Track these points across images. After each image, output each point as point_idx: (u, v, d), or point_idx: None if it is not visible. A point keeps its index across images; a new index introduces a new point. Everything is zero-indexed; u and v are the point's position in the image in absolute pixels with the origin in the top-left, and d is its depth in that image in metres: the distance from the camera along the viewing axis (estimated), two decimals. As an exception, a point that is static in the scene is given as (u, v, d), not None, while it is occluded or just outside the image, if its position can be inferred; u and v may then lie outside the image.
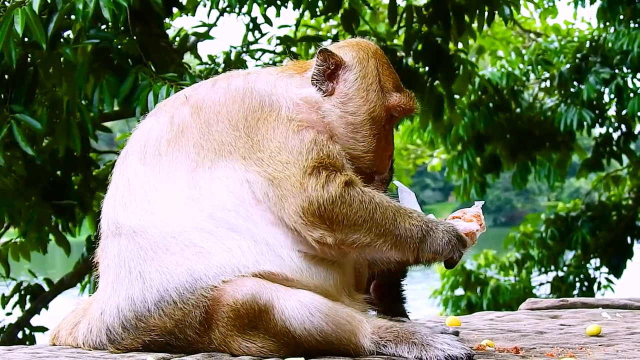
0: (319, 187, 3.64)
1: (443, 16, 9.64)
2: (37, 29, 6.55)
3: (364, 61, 4.02)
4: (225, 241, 3.60)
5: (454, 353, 3.60)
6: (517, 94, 16.19)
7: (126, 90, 7.20)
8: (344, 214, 3.67)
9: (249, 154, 3.70)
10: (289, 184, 3.65)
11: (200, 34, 10.52)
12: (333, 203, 3.65)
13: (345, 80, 3.97)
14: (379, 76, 4.02)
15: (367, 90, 3.98)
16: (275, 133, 3.73)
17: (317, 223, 3.64)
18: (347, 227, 3.68)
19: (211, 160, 3.72)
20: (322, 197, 3.64)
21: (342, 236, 3.68)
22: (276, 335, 3.55)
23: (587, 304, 5.86)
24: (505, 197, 75.07)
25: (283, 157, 3.68)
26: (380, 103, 4.00)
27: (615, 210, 16.99)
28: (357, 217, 3.69)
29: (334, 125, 3.91)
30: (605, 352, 3.89)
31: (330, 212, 3.65)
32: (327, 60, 3.96)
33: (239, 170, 3.69)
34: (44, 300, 10.86)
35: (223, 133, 3.75)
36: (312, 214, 3.63)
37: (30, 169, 9.08)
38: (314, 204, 3.63)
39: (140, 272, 3.63)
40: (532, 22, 18.80)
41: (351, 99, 3.95)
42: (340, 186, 3.67)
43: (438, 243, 3.77)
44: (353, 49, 4.07)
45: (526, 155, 16.11)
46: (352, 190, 3.71)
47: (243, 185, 3.67)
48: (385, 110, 4.02)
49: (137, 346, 3.67)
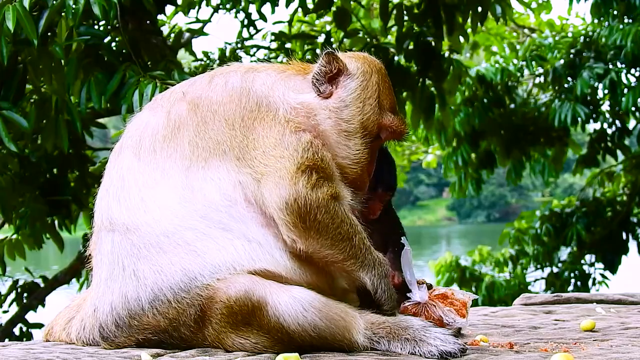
0: (308, 186, 3.63)
1: (434, 15, 9.63)
2: (28, 26, 6.53)
3: (367, 74, 4.02)
4: (219, 241, 3.59)
5: (447, 348, 3.60)
6: (511, 89, 16.20)
7: (113, 87, 7.17)
8: (325, 224, 3.66)
9: (243, 154, 3.70)
10: (278, 176, 3.63)
11: (194, 30, 10.50)
12: (317, 207, 3.64)
13: (345, 87, 3.96)
14: (379, 92, 4.02)
15: (364, 102, 3.96)
16: (272, 131, 3.73)
17: (295, 223, 3.62)
18: (322, 239, 3.68)
19: (205, 160, 3.71)
20: (309, 196, 3.63)
21: (314, 247, 3.68)
22: (270, 331, 3.54)
23: (581, 299, 5.88)
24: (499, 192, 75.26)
25: (277, 152, 3.67)
26: (374, 118, 3.98)
27: (610, 206, 16.98)
28: (336, 233, 3.70)
29: (328, 133, 3.89)
30: (599, 347, 3.89)
31: (312, 215, 3.64)
32: (331, 63, 3.96)
33: (232, 171, 3.68)
34: (39, 296, 10.85)
35: (219, 132, 3.74)
36: (294, 212, 3.61)
37: (25, 167, 9.08)
38: (300, 200, 3.61)
39: (134, 270, 3.62)
40: (527, 17, 18.81)
41: (347, 106, 3.94)
42: (328, 194, 3.67)
43: (385, 298, 3.84)
44: (359, 60, 4.07)
45: (521, 151, 16.12)
46: (337, 205, 3.72)
47: (236, 186, 3.67)
48: (377, 127, 4.00)
49: (130, 344, 3.67)
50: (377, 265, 3.81)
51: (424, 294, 4.09)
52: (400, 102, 10.27)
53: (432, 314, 4.04)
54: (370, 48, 9.85)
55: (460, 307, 4.17)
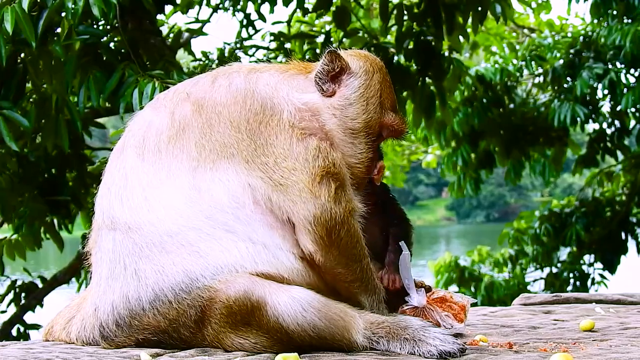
0: (331, 200, 3.68)
1: (434, 14, 9.63)
2: (27, 28, 6.52)
3: (370, 73, 4.03)
4: (222, 242, 3.60)
5: (446, 348, 3.60)
6: (510, 89, 16.19)
7: (112, 86, 7.17)
8: (345, 242, 3.74)
9: (252, 158, 3.71)
10: (297, 190, 3.67)
11: (193, 30, 10.49)
12: (342, 223, 3.71)
13: (348, 86, 3.97)
14: (381, 91, 4.03)
15: (367, 101, 3.98)
16: (279, 139, 3.73)
17: (322, 236, 3.68)
18: (340, 256, 3.75)
19: (213, 161, 3.71)
20: (334, 211, 3.69)
21: (331, 262, 3.74)
22: (269, 331, 3.55)
23: (580, 299, 5.87)
24: (498, 192, 75.21)
25: (289, 163, 3.69)
26: (377, 117, 4.01)
27: (609, 206, 16.97)
28: (353, 252, 3.80)
29: (334, 133, 3.90)
30: (598, 347, 3.89)
31: (337, 231, 3.71)
32: (334, 61, 3.96)
33: (241, 173, 3.69)
34: (37, 296, 10.84)
35: (225, 134, 3.74)
36: (322, 224, 3.67)
37: (24, 166, 9.07)
38: (327, 213, 3.67)
39: (136, 270, 3.62)
40: (526, 17, 18.80)
41: (352, 104, 3.95)
42: (348, 209, 3.74)
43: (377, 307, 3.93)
44: (361, 58, 4.08)
45: (520, 151, 16.11)
46: (354, 222, 3.80)
47: (245, 189, 3.67)
48: (379, 126, 4.03)
49: (129, 343, 3.67)
50: (377, 292, 3.93)
51: (422, 298, 4.09)
52: (400, 101, 10.27)
53: (430, 318, 4.05)
54: (370, 47, 9.84)
55: (459, 311, 4.18)
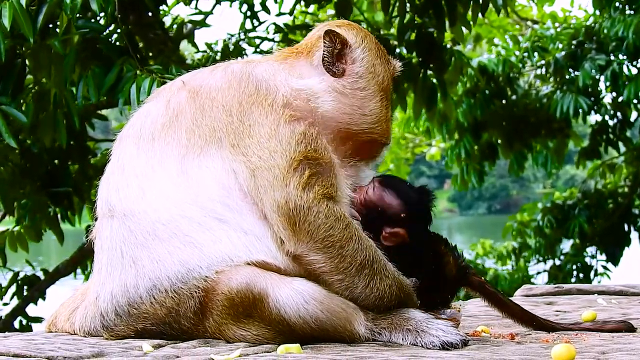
0: (299, 187, 3.60)
1: (435, 6, 9.61)
2: (25, 23, 6.50)
3: (364, 38, 4.05)
4: (215, 232, 3.59)
5: (449, 339, 3.60)
6: (512, 81, 16.15)
7: (110, 81, 7.15)
8: (316, 225, 3.60)
9: (237, 141, 3.68)
10: (271, 175, 3.62)
11: (196, 21, 10.46)
12: (308, 209, 3.59)
13: (354, 59, 3.98)
14: (378, 50, 4.07)
15: (374, 65, 4.00)
16: (268, 119, 3.70)
17: (285, 224, 3.60)
18: (312, 242, 3.62)
19: (201, 147, 3.70)
20: (300, 198, 3.59)
21: (302, 250, 3.62)
22: (271, 323, 3.55)
23: (582, 290, 5.87)
24: (500, 184, 75.12)
25: (272, 144, 3.65)
26: (386, 73, 4.05)
27: (612, 198, 16.96)
28: (327, 235, 3.61)
29: (333, 114, 3.88)
30: (600, 338, 3.89)
31: (302, 217, 3.59)
32: (334, 40, 3.95)
33: (226, 159, 3.67)
34: (39, 288, 10.85)
35: (216, 119, 3.73)
36: (285, 213, 3.59)
37: (26, 158, 9.07)
38: (290, 203, 3.59)
39: (133, 258, 3.63)
40: (529, 9, 18.77)
41: (362, 76, 3.96)
42: (320, 194, 3.61)
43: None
44: (349, 28, 4.08)
45: (522, 142, 16.08)
46: (331, 206, 3.64)
47: (230, 175, 3.65)
48: (391, 78, 4.09)
49: (130, 333, 3.67)
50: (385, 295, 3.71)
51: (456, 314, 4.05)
52: (401, 93, 10.28)
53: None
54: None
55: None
